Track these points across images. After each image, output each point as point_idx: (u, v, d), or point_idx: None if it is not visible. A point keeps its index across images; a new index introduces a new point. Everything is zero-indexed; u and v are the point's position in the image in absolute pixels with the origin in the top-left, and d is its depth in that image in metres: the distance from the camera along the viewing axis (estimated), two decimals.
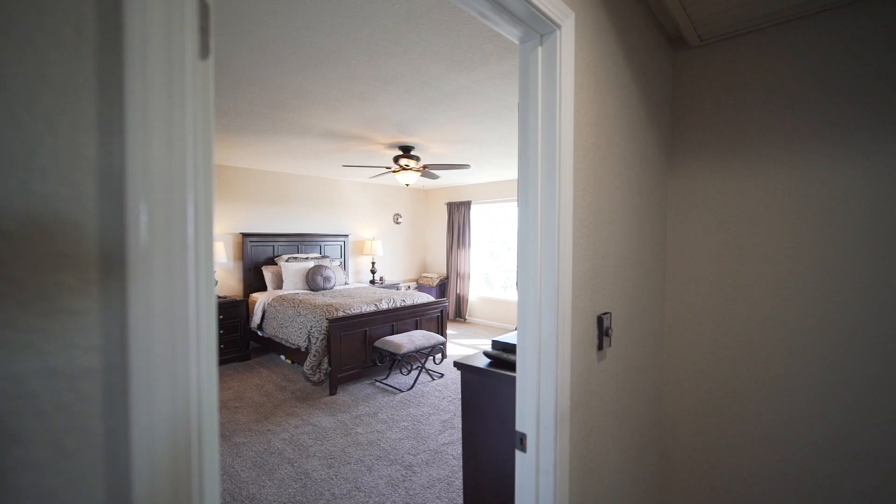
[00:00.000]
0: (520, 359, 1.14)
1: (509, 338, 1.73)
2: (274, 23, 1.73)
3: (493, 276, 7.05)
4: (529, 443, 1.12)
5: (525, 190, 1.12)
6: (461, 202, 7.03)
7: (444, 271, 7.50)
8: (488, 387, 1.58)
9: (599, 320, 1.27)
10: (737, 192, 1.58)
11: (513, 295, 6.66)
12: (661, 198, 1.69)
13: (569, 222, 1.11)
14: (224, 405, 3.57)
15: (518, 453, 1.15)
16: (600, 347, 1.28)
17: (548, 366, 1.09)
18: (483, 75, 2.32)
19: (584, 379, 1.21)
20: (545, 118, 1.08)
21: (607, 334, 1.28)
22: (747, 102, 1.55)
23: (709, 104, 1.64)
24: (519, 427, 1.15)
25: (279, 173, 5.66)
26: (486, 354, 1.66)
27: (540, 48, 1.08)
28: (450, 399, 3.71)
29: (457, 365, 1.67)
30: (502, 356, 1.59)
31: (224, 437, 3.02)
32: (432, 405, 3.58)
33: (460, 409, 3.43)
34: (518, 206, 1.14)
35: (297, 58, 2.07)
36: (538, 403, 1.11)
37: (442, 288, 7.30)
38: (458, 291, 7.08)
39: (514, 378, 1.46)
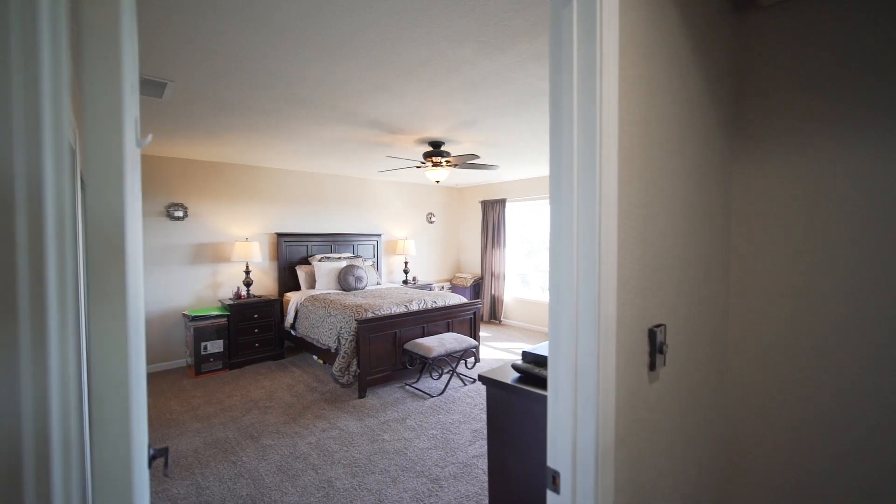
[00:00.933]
0: (551, 382, 0.95)
1: (543, 349, 1.53)
2: (286, 5, 1.62)
3: (529, 276, 6.77)
4: (564, 483, 0.92)
5: (558, 178, 0.92)
6: (496, 200, 6.80)
7: (478, 271, 7.31)
8: (517, 406, 1.38)
9: (651, 334, 1.05)
10: (819, 182, 1.29)
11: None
12: (723, 187, 1.43)
13: (612, 215, 0.90)
14: (255, 405, 3.58)
15: (550, 494, 0.96)
16: (652, 367, 1.05)
17: (586, 391, 0.89)
18: (513, 58, 2.12)
19: (631, 406, 1.00)
20: (582, 87, 0.88)
21: (661, 351, 1.06)
22: (834, 70, 1.26)
23: (783, 74, 1.36)
24: (551, 463, 0.95)
25: (312, 173, 5.69)
26: (515, 368, 1.46)
27: (575, 1, 0.88)
28: (481, 407, 3.52)
29: (482, 379, 1.48)
30: (533, 371, 1.40)
31: (252, 438, 3.00)
32: (463, 412, 3.41)
33: None
34: (550, 197, 0.95)
35: (314, 45, 1.96)
36: (574, 436, 0.91)
37: (476, 288, 7.10)
38: (492, 292, 6.86)
39: (544, 396, 1.26)
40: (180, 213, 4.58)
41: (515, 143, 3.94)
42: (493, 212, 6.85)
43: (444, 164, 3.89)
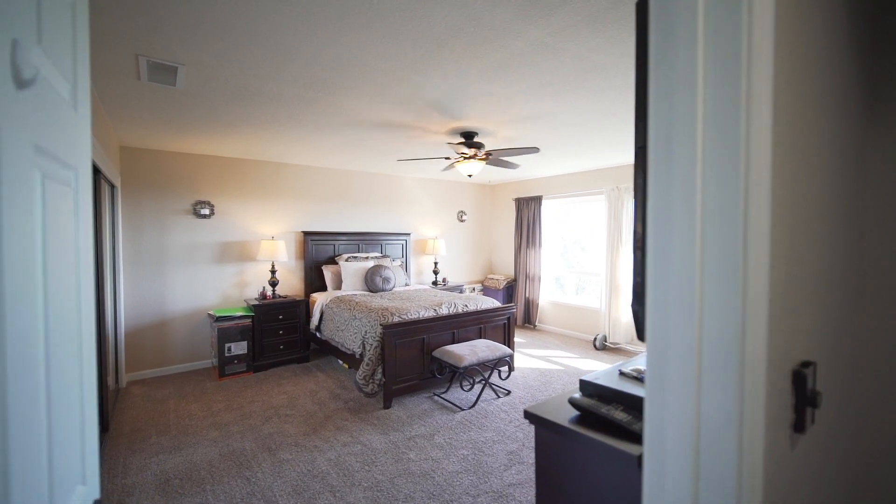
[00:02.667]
0: (652, 450, 0.62)
1: (606, 376, 1.19)
2: None
3: (565, 278, 6.34)
4: None
5: (666, 144, 0.59)
6: (531, 197, 6.41)
7: (511, 273, 6.93)
8: (578, 457, 1.05)
9: (798, 378, 0.70)
10: None
11: (588, 299, 5.91)
12: (858, 166, 1.04)
13: (765, 203, 0.56)
14: (276, 412, 3.39)
15: None
16: (799, 427, 0.70)
17: (716, 469, 0.56)
18: (562, 23, 1.78)
19: (772, 487, 0.65)
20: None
21: (813, 402, 0.70)
22: None
23: None
24: None
25: (338, 170, 5.51)
26: (574, 404, 1.13)
27: None
28: (517, 424, 3.18)
29: (529, 417, 1.16)
30: (599, 410, 1.06)
31: (270, 450, 2.79)
32: (497, 430, 3.08)
33: (531, 439, 2.91)
34: (650, 167, 0.62)
35: (330, 17, 1.70)
36: None
37: (509, 291, 6.74)
38: (526, 295, 6.47)
39: (618, 451, 0.92)
40: (207, 211, 4.49)
41: (555, 131, 3.57)
42: (527, 210, 6.47)
43: (478, 157, 3.57)
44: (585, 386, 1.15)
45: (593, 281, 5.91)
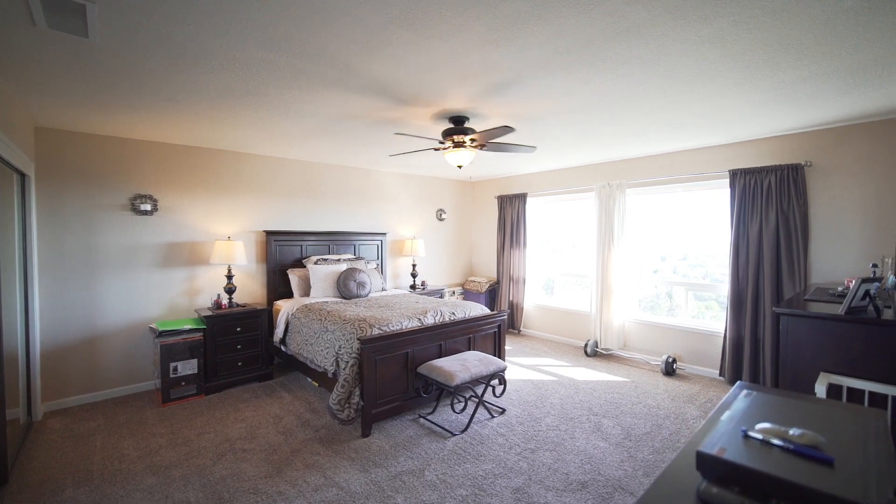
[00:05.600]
0: None
1: (732, 443, 0.78)
2: None
3: (552, 280, 6.02)
4: None
5: None
6: (514, 195, 6.05)
7: (494, 275, 6.55)
8: None
9: None
10: None
11: (577, 303, 5.60)
12: None
13: None
14: (231, 447, 2.81)
15: None
16: None
17: None
18: None
19: None
20: None
21: None
22: None
23: None
24: None
25: (307, 162, 4.94)
26: (704, 500, 0.70)
27: None
28: (519, 450, 2.77)
29: None
30: None
31: (222, 501, 2.24)
32: (497, 459, 2.65)
33: (538, 470, 2.41)
34: None
35: None
36: None
37: (492, 294, 6.35)
38: (510, 298, 6.10)
39: None
40: (148, 207, 3.82)
41: (555, 118, 3.19)
42: (511, 208, 6.10)
43: (469, 143, 3.14)
44: (710, 465, 0.73)
45: (582, 283, 5.61)
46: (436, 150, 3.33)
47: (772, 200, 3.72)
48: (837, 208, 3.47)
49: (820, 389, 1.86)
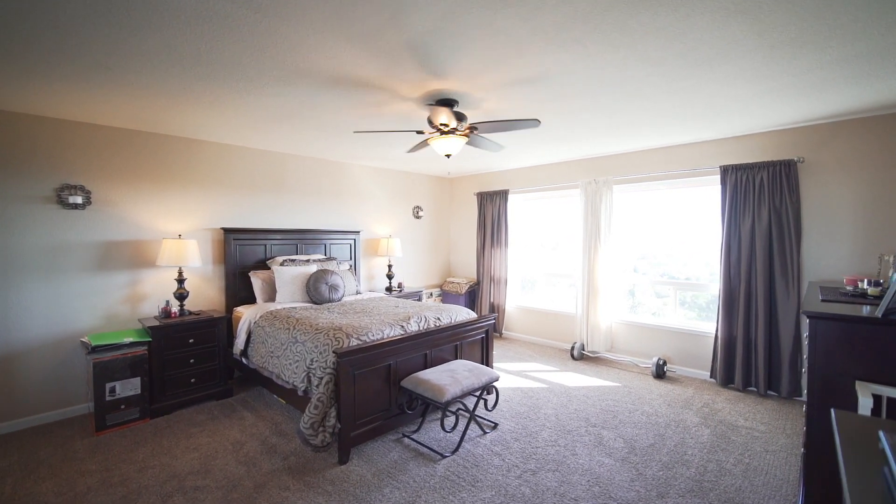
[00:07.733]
0: None
1: None
2: None
3: (535, 281, 5.79)
4: None
5: None
6: (495, 192, 5.78)
7: (473, 276, 6.26)
8: None
9: None
10: None
11: (562, 304, 5.40)
12: None
13: None
14: (180, 486, 2.35)
15: None
16: None
17: None
18: None
19: None
20: None
21: None
22: None
23: None
24: None
25: (274, 153, 4.46)
26: None
27: None
28: (518, 472, 2.47)
29: None
30: None
31: None
32: (496, 485, 2.34)
33: (543, 496, 2.09)
34: None
35: None
36: None
37: (472, 296, 6.05)
38: (492, 300, 5.83)
39: None
40: (79, 199, 3.25)
41: (551, 105, 2.92)
42: (491, 205, 5.83)
43: (458, 132, 2.81)
44: None
45: (567, 283, 5.41)
46: (419, 132, 2.98)
47: (764, 197, 3.63)
48: (830, 205, 3.41)
49: (865, 403, 1.67)
